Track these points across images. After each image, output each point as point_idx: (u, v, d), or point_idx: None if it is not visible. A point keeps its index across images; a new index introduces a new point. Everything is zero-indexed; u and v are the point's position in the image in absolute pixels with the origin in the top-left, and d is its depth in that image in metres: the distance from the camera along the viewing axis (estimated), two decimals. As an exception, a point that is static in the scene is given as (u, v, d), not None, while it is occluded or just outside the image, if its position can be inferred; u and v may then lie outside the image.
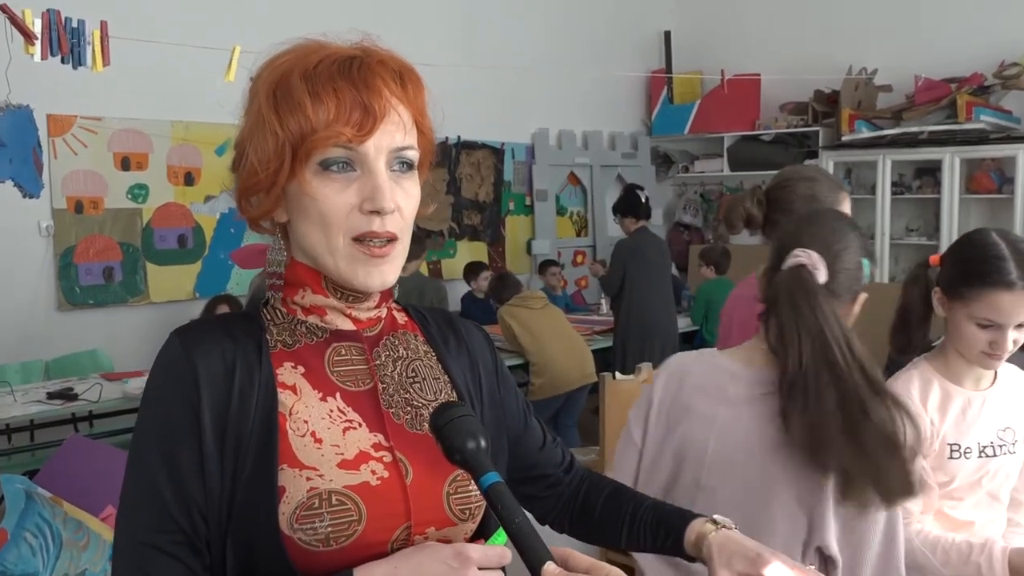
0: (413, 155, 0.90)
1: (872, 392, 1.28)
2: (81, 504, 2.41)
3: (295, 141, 0.86)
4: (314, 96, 0.85)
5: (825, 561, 1.35)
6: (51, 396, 3.72)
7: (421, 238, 5.10)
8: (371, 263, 0.88)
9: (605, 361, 4.98)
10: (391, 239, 0.89)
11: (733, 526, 1.01)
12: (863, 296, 1.43)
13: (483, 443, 0.82)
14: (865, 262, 1.41)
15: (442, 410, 0.84)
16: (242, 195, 0.91)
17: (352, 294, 0.93)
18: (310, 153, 0.86)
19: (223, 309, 4.13)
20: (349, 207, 0.87)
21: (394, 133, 0.88)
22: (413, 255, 4.97)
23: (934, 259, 1.63)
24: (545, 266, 6.18)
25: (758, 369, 1.39)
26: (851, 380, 1.29)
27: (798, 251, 1.35)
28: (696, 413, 1.42)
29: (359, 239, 0.88)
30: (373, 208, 0.86)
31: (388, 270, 0.90)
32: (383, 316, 0.98)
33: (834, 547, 1.35)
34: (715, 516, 1.02)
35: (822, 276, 1.34)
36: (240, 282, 5.02)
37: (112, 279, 4.65)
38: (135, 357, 4.38)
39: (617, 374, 3.15)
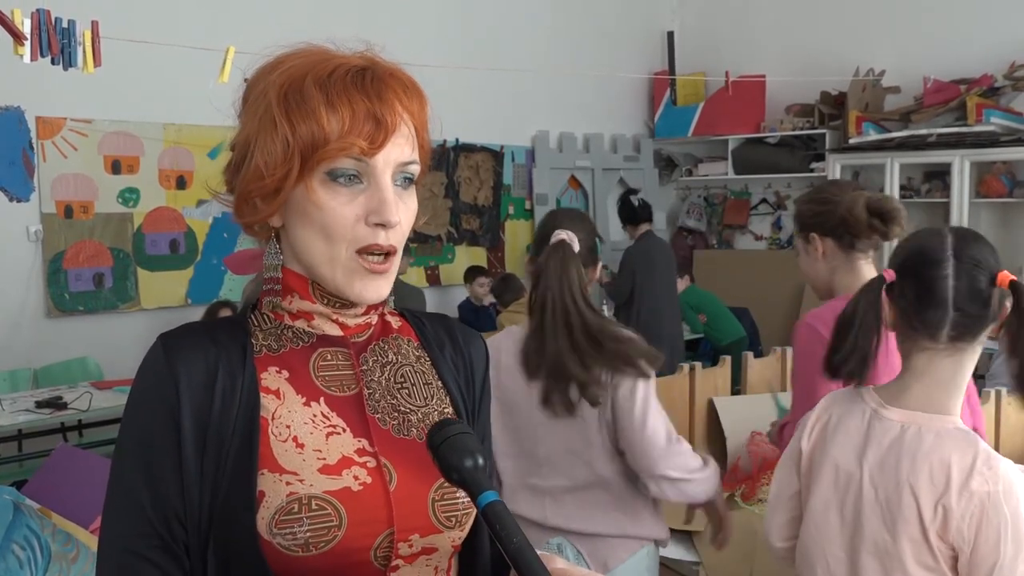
0: (416, 170, 0.92)
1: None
2: (70, 515, 2.36)
3: (305, 148, 0.86)
4: (329, 105, 0.85)
5: None
6: (40, 405, 3.70)
7: (407, 248, 4.97)
8: (369, 277, 0.90)
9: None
10: (390, 253, 0.90)
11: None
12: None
13: (480, 461, 0.81)
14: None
15: (439, 428, 0.83)
16: (243, 198, 0.90)
17: (340, 301, 0.93)
18: (319, 162, 0.86)
19: (225, 314, 4.07)
20: (354, 219, 0.88)
21: (403, 147, 0.89)
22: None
23: (889, 273, 1.40)
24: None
25: None
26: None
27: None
28: None
29: (362, 251, 0.89)
30: (380, 221, 0.88)
31: (383, 284, 0.91)
32: (373, 322, 0.98)
33: None
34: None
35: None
36: (234, 288, 4.96)
37: (102, 285, 4.60)
38: (126, 365, 4.30)
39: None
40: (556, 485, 2.02)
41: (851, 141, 6.20)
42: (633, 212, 5.08)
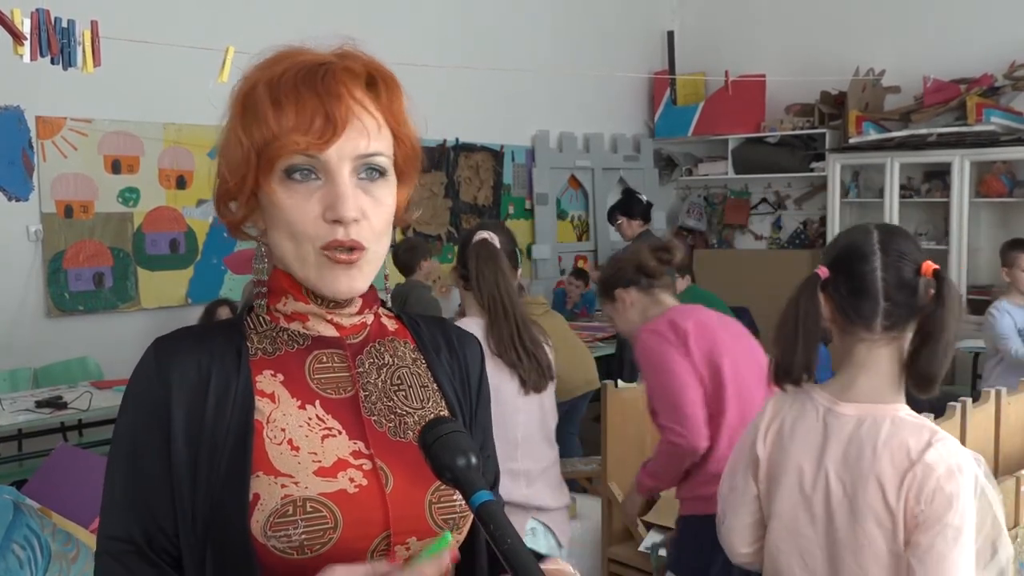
0: (382, 161, 0.90)
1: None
2: (70, 515, 2.35)
3: (259, 149, 0.87)
4: (276, 104, 0.86)
5: None
6: (40, 405, 3.69)
7: (418, 245, 4.91)
8: (338, 269, 0.89)
9: (607, 369, 4.88)
10: (356, 247, 0.88)
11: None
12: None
13: (474, 460, 0.79)
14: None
15: (431, 427, 0.82)
16: (217, 201, 0.93)
17: (332, 300, 0.93)
18: (273, 161, 0.87)
19: (224, 312, 4.07)
20: (314, 216, 0.87)
21: (358, 140, 0.88)
22: (409, 265, 4.73)
23: (823, 270, 1.48)
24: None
25: None
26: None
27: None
28: None
29: (326, 248, 0.88)
30: (334, 217, 0.86)
31: (356, 276, 0.90)
32: (368, 323, 0.98)
33: None
34: None
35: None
36: (234, 288, 4.95)
37: (102, 285, 4.59)
38: (126, 365, 4.24)
39: (619, 382, 3.09)
40: (529, 467, 2.26)
41: (851, 141, 6.20)
42: (637, 204, 5.04)
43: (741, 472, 1.57)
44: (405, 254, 4.68)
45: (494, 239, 2.30)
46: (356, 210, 0.87)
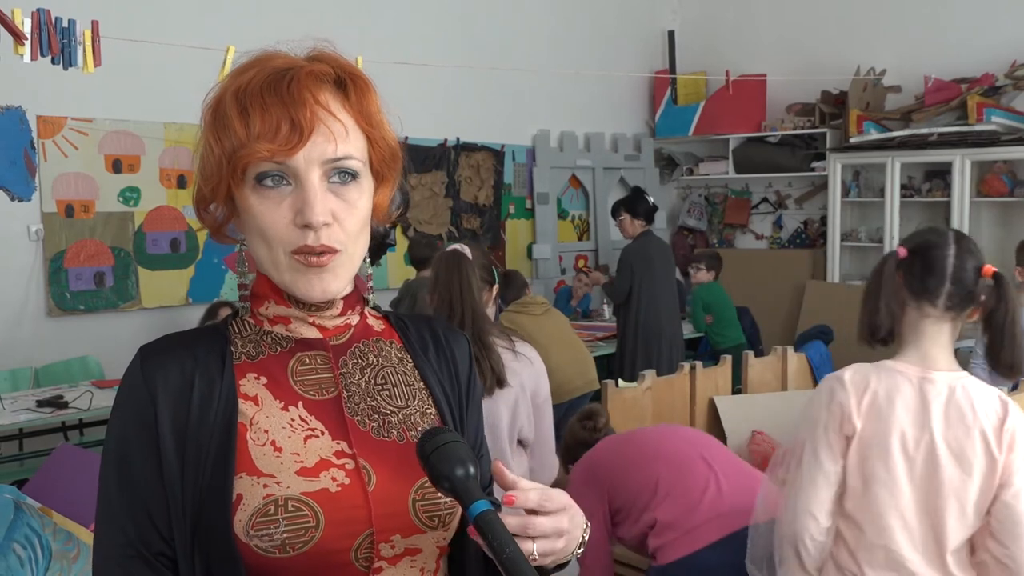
0: (353, 164, 0.90)
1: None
2: (71, 514, 2.37)
3: (229, 156, 0.88)
4: (242, 112, 0.87)
5: None
6: (41, 404, 3.69)
7: (432, 243, 4.90)
8: (311, 272, 0.90)
9: (607, 368, 4.89)
10: (328, 251, 0.89)
11: None
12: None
13: (472, 469, 0.80)
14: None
15: (429, 436, 0.83)
16: (196, 207, 0.95)
17: (312, 303, 0.94)
18: (245, 168, 0.88)
19: (225, 313, 4.07)
20: (285, 221, 0.88)
21: (325, 145, 0.88)
22: (425, 260, 4.70)
23: (902, 251, 1.70)
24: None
25: None
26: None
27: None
28: None
29: (297, 252, 0.89)
30: (304, 222, 0.87)
31: (329, 279, 0.90)
32: (353, 324, 0.98)
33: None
34: None
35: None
36: (234, 287, 4.93)
37: (103, 284, 4.59)
38: (126, 364, 4.28)
39: (620, 382, 3.09)
40: None
41: (852, 140, 6.20)
42: (643, 204, 5.03)
43: (824, 450, 1.69)
44: (424, 249, 4.64)
45: (465, 250, 2.38)
46: (325, 214, 0.88)
